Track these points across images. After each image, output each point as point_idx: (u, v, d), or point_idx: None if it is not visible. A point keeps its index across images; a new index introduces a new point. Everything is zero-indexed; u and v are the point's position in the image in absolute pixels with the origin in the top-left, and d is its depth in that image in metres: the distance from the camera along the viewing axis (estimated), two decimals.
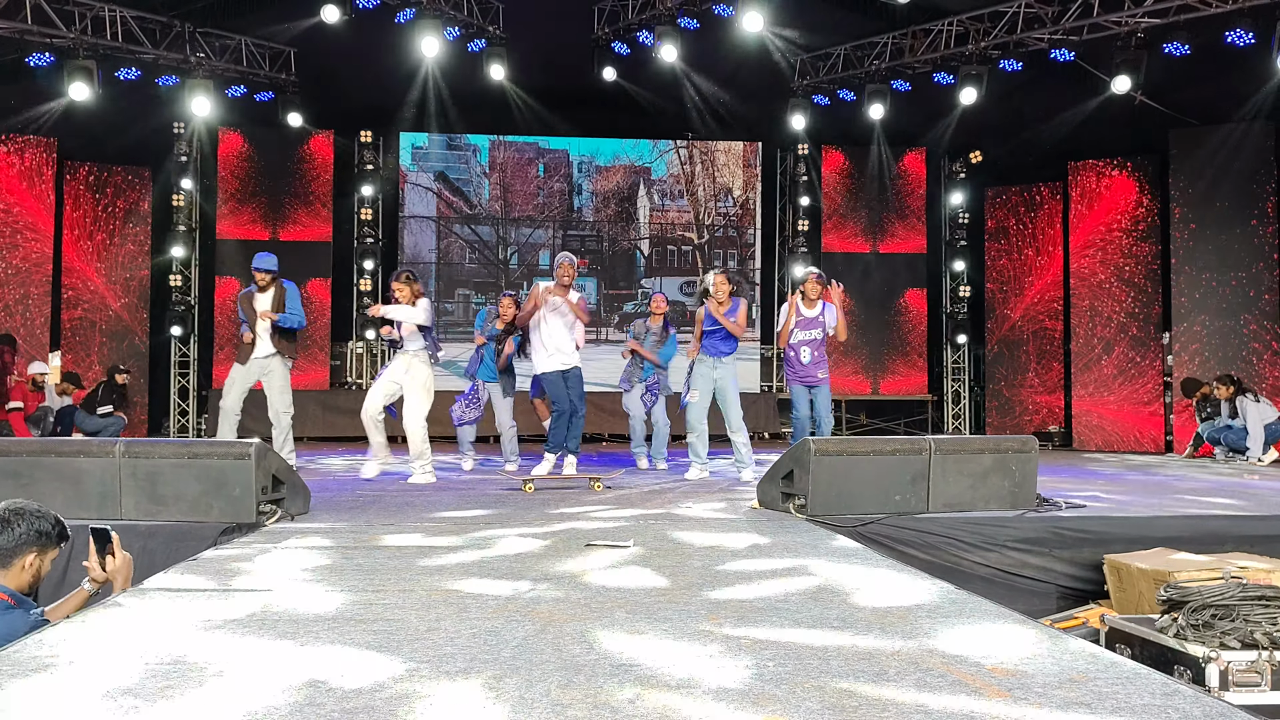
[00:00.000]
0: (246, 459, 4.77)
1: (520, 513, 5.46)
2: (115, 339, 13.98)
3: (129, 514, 4.80)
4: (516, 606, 3.05)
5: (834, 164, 15.44)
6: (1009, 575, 5.05)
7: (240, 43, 12.83)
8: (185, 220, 14.40)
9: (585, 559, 3.93)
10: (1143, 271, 13.23)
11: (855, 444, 5.60)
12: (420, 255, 15.45)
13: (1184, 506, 5.97)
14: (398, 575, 3.58)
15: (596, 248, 15.79)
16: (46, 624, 3.10)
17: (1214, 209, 12.32)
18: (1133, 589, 4.56)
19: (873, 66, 13.05)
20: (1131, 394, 13.30)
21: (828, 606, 3.07)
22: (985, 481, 5.48)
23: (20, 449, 5.15)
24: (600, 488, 6.73)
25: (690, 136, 15.71)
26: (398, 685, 2.20)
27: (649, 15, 12.11)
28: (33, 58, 11.39)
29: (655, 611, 2.98)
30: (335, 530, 4.75)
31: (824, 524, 4.99)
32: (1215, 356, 12.13)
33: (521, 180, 15.70)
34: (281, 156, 14.44)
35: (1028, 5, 11.38)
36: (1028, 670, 2.33)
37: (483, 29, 12.46)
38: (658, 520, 5.15)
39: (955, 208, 15.29)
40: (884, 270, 15.21)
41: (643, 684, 2.21)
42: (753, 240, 15.95)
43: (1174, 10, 10.36)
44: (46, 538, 3.34)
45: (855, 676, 2.27)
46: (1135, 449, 13.00)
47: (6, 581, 3.24)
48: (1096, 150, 13.49)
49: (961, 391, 15.63)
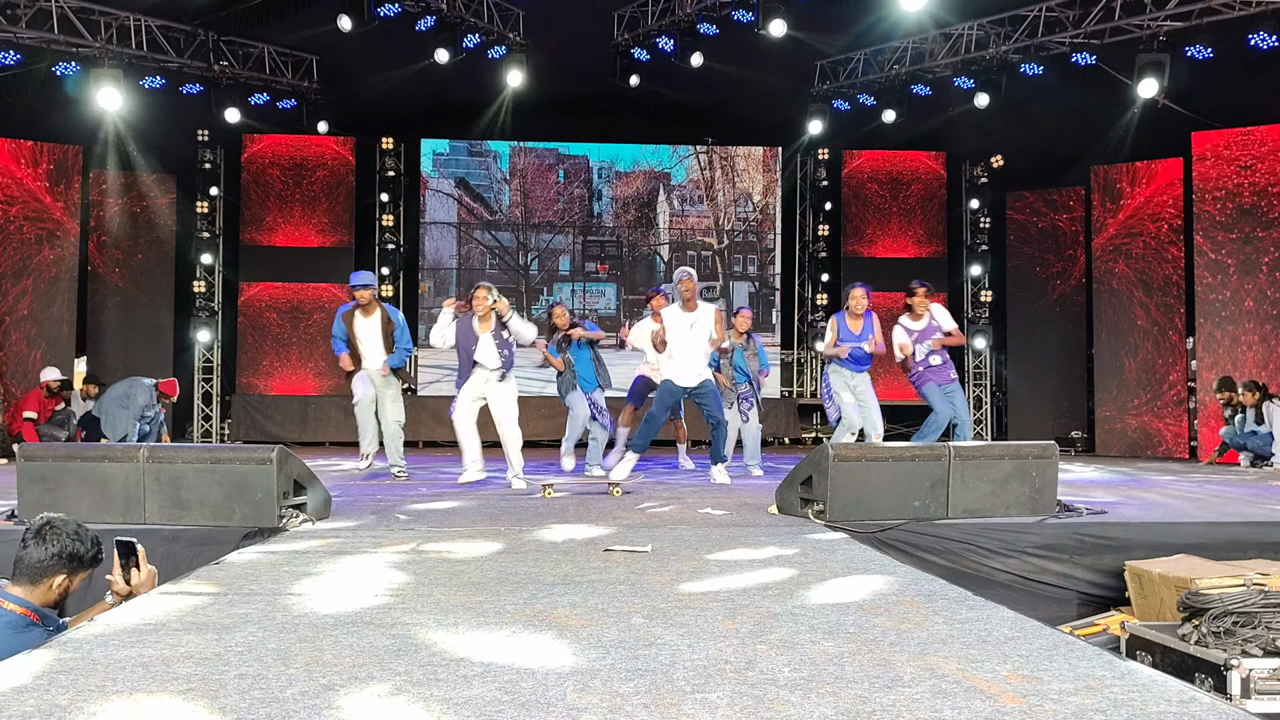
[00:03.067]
0: (268, 464, 4.81)
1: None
2: (141, 344, 14.12)
3: (153, 518, 4.86)
4: (533, 611, 3.06)
5: (854, 168, 15.42)
6: (1029, 582, 5.03)
7: (263, 51, 12.95)
8: (209, 226, 14.54)
9: (603, 561, 3.94)
10: (1166, 276, 13.13)
11: (874, 449, 5.59)
12: (441, 261, 15.53)
13: (1206, 513, 5.92)
14: (416, 580, 3.60)
15: (616, 253, 15.83)
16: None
17: (1238, 213, 12.22)
18: (1154, 596, 4.54)
19: (893, 71, 13.02)
20: (1154, 399, 13.20)
21: (844, 612, 3.07)
22: (1005, 488, 5.46)
23: (47, 454, 5.21)
24: (618, 493, 6.75)
25: (710, 141, 15.74)
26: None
27: (669, 21, 12.14)
28: (59, 66, 11.54)
29: (671, 616, 2.99)
30: (357, 531, 4.78)
31: (843, 530, 4.98)
32: (1240, 362, 12.02)
33: (542, 186, 15.76)
34: (304, 163, 14.57)
35: (1049, 9, 11.34)
36: (1043, 677, 2.32)
37: (503, 36, 12.52)
38: (675, 524, 5.16)
39: (976, 211, 15.23)
40: (904, 275, 15.13)
41: (657, 689, 2.22)
42: (773, 245, 15.95)
43: (1196, 13, 10.30)
44: (79, 561, 3.31)
45: (870, 682, 2.27)
46: (1158, 455, 12.89)
47: (33, 598, 3.23)
48: (1118, 154, 13.41)
49: (983, 396, 15.56)
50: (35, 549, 3.24)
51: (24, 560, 3.25)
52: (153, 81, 12.29)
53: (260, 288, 14.72)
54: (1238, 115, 12.13)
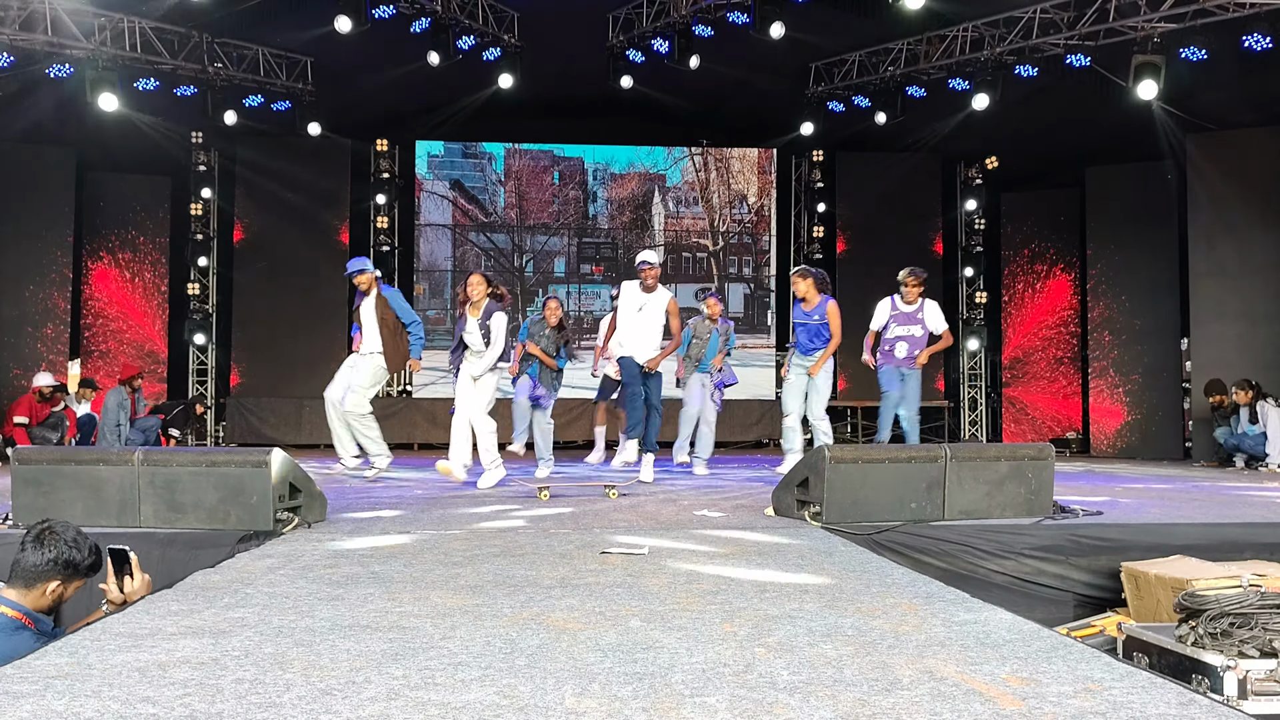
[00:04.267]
0: (264, 467, 4.80)
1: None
2: (134, 347, 14.10)
3: (147, 521, 4.84)
4: (531, 614, 3.06)
5: (849, 170, 15.44)
6: (1026, 583, 5.03)
7: (258, 52, 12.93)
8: (203, 229, 14.52)
9: (601, 563, 3.94)
10: (1160, 277, 13.16)
11: (870, 451, 5.59)
12: (436, 263, 15.51)
13: (1202, 514, 5.93)
14: (413, 584, 3.60)
15: (611, 255, 15.83)
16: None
17: (1233, 214, 12.24)
18: (1150, 597, 4.54)
19: (887, 72, 13.03)
20: (1149, 400, 13.22)
21: (842, 615, 3.07)
22: (1001, 489, 5.46)
23: (41, 457, 5.19)
24: (615, 495, 6.75)
25: (705, 143, 15.75)
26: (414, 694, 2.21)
27: (664, 23, 12.14)
28: (53, 68, 11.50)
29: (669, 619, 2.99)
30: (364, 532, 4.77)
31: (839, 532, 4.98)
32: (1234, 362, 12.04)
33: (537, 188, 15.76)
34: (298, 165, 14.54)
35: (1043, 11, 11.35)
36: (1042, 679, 2.32)
37: (498, 38, 12.52)
38: (671, 526, 5.16)
39: (971, 213, 15.26)
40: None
41: (656, 693, 2.21)
42: (768, 247, 15.95)
43: (1190, 15, 10.31)
44: (74, 569, 3.32)
45: (869, 685, 2.27)
46: (1154, 456, 12.92)
47: (27, 601, 3.23)
48: (1113, 155, 13.44)
49: (978, 398, 15.58)
50: (32, 553, 3.25)
51: (20, 563, 3.26)
52: (146, 83, 12.26)
53: (254, 290, 14.69)
54: (1233, 117, 12.16)
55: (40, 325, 12.89)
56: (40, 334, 12.85)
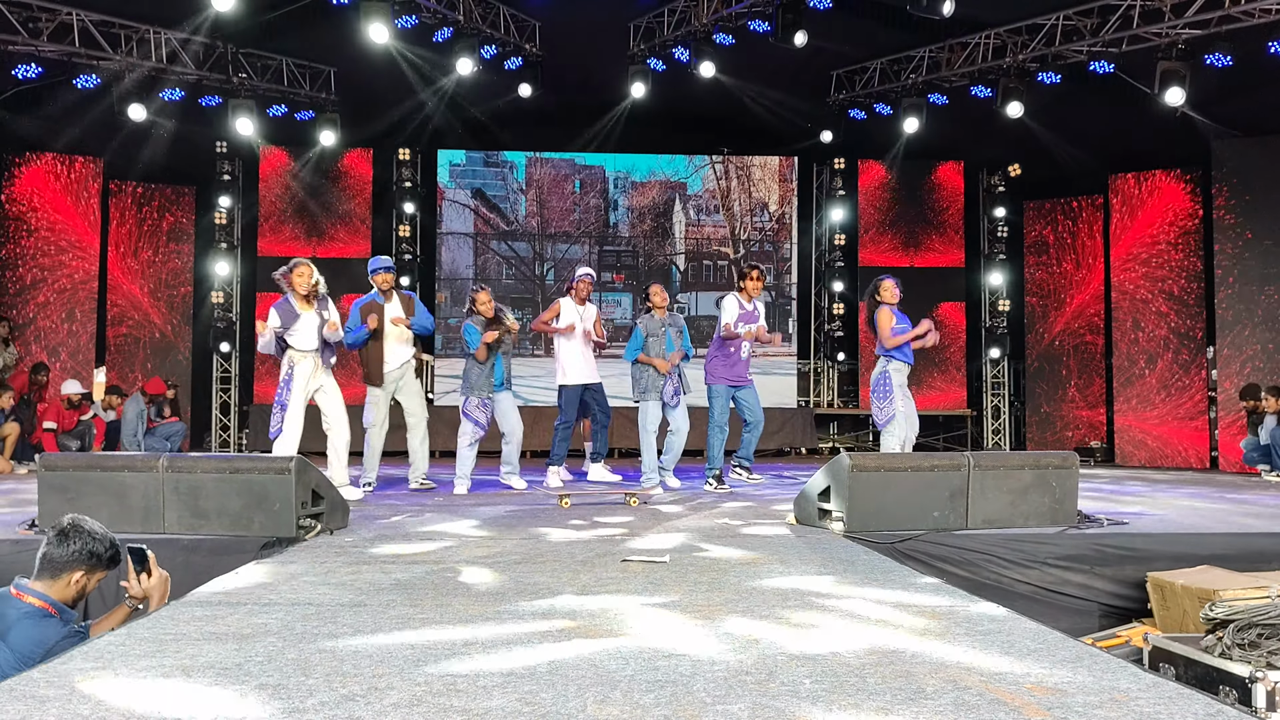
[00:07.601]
0: (287, 474, 4.83)
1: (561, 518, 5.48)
2: (159, 355, 14.22)
3: (171, 528, 4.88)
4: (552, 621, 3.06)
5: (870, 178, 15.39)
6: (1050, 593, 4.99)
7: (281, 63, 13.03)
8: (227, 238, 14.63)
9: (622, 571, 3.94)
10: (1185, 284, 13.04)
11: (893, 460, 5.57)
12: (458, 272, 15.57)
13: (1229, 524, 5.87)
14: (435, 591, 3.60)
15: (632, 263, 15.84)
16: (83, 636, 3.29)
17: (1259, 221, 12.11)
18: (1176, 607, 4.49)
19: (909, 80, 12.99)
20: (1175, 409, 13.10)
21: (865, 624, 3.06)
22: (1025, 498, 5.42)
23: (68, 464, 5.24)
24: (635, 502, 6.75)
25: (726, 152, 15.74)
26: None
27: (685, 32, 12.15)
28: (80, 79, 11.64)
29: (691, 627, 2.98)
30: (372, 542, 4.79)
31: (862, 540, 4.96)
32: (1261, 370, 11.91)
33: (558, 196, 15.79)
34: (321, 174, 14.64)
35: (1066, 18, 11.29)
36: (1068, 689, 2.30)
37: (519, 47, 12.56)
38: (692, 534, 5.15)
39: (994, 221, 15.16)
40: (921, 284, 15.07)
41: (677, 700, 2.21)
42: (789, 254, 15.92)
43: (1215, 21, 10.23)
44: (97, 559, 3.50)
45: (892, 694, 2.26)
46: (1179, 465, 12.79)
47: (52, 592, 3.40)
48: (1137, 162, 13.33)
49: (1001, 407, 15.47)
50: (58, 546, 3.43)
51: (47, 556, 3.42)
52: (172, 94, 12.37)
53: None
54: (1258, 124, 12.04)
55: (67, 334, 12.99)
56: (66, 343, 12.95)
